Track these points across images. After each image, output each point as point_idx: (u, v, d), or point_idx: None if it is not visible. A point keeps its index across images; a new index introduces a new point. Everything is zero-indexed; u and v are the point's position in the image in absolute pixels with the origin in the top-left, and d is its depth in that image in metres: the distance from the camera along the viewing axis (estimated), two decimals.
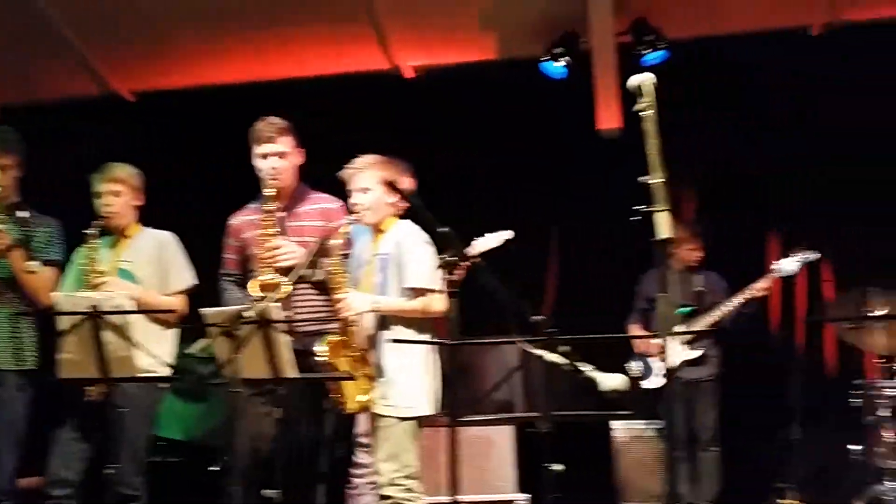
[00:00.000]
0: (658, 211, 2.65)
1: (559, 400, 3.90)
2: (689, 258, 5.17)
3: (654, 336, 4.91)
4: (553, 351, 2.76)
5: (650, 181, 2.69)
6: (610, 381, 2.67)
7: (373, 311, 3.54)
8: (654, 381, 5.02)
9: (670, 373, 4.89)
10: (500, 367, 4.08)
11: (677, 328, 5.00)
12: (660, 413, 5.01)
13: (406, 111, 5.86)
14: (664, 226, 2.64)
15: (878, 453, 4.60)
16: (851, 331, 4.73)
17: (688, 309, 5.06)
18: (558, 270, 6.03)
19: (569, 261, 5.94)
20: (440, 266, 2.83)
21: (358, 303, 3.52)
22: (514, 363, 3.98)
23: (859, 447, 4.76)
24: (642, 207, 2.66)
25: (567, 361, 2.74)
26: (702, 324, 4.96)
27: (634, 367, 5.01)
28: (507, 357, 4.04)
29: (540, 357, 2.79)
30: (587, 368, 2.71)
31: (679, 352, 5.00)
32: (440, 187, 5.54)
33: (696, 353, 4.97)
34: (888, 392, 4.60)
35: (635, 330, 5.22)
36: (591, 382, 2.70)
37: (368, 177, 3.58)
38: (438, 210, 4.77)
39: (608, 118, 5.58)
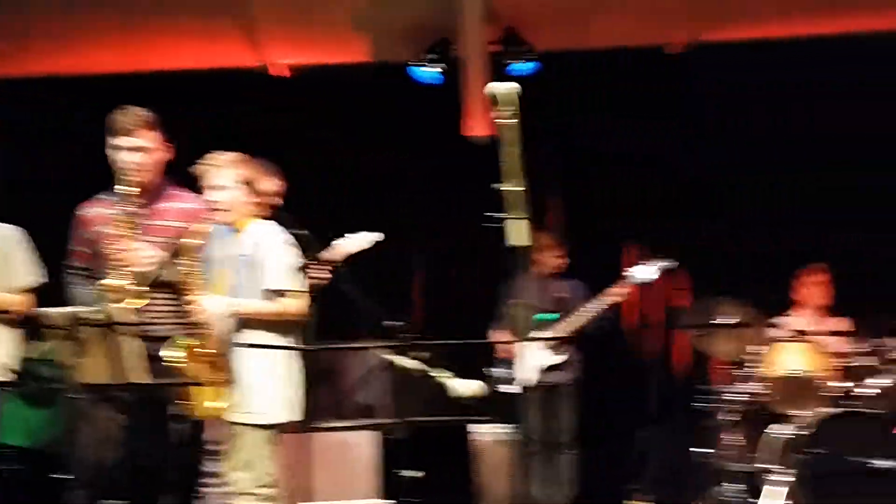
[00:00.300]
0: (512, 218, 2.68)
1: (418, 405, 3.92)
2: (553, 265, 5.29)
3: (515, 341, 4.99)
4: (408, 356, 2.74)
5: (506, 188, 2.72)
6: (463, 387, 2.68)
7: (230, 313, 3.44)
8: (517, 385, 5.09)
9: (532, 377, 5.05)
10: (362, 373, 4.07)
11: (539, 333, 5.11)
12: (520, 417, 5.11)
13: (277, 110, 5.77)
14: (518, 233, 2.68)
15: (721, 455, 4.84)
16: (701, 337, 4.95)
17: (551, 315, 5.16)
18: (425, 276, 6.06)
19: (437, 267, 5.98)
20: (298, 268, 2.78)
21: (214, 305, 3.41)
22: (374, 368, 3.99)
23: (704, 450, 5.00)
24: (497, 214, 2.68)
25: (420, 367, 2.73)
26: (563, 329, 5.08)
27: (497, 372, 5.08)
28: (369, 362, 4.03)
29: (393, 363, 2.77)
30: (440, 374, 2.71)
31: (542, 357, 5.10)
32: (310, 188, 5.50)
33: (559, 359, 5.09)
34: (731, 397, 4.85)
35: (500, 336, 5.29)
36: (444, 388, 2.71)
37: (225, 174, 3.48)
38: (306, 211, 4.74)
39: (477, 125, 5.66)
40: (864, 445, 4.30)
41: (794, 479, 4.31)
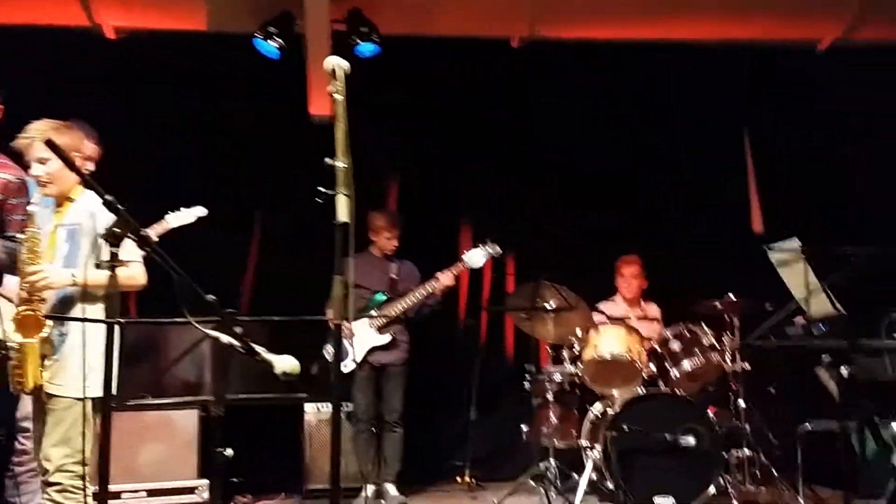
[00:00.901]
0: (340, 195, 2.68)
1: (240, 382, 3.87)
2: (387, 246, 5.32)
3: (344, 320, 4.99)
4: (229, 333, 2.70)
5: (335, 164, 2.71)
6: (282, 364, 2.65)
7: (73, 284, 3.26)
8: (347, 365, 5.12)
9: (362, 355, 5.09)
10: (183, 349, 3.97)
11: (370, 313, 5.14)
12: (349, 396, 5.14)
13: (108, 73, 5.49)
14: (344, 209, 2.68)
15: (543, 433, 5.05)
16: (526, 320, 5.13)
17: (383, 296, 5.21)
18: (260, 253, 5.98)
19: (272, 244, 5.91)
20: (103, 237, 2.65)
21: (56, 275, 3.24)
22: (196, 344, 3.90)
23: (526, 428, 5.21)
24: (326, 190, 2.67)
25: (240, 344, 2.69)
26: (394, 310, 5.13)
27: (328, 350, 5.08)
28: (193, 338, 3.94)
29: (216, 339, 2.71)
30: (261, 351, 2.68)
31: (372, 337, 5.14)
32: (141, 158, 5.30)
33: (386, 339, 5.13)
34: (554, 377, 5.07)
35: (331, 314, 5.26)
36: (267, 365, 2.68)
37: (44, 146, 3.29)
38: (135, 181, 4.56)
39: (319, 103, 5.60)
40: (671, 423, 4.60)
41: (607, 454, 4.54)
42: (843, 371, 2.82)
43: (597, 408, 5.00)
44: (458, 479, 5.56)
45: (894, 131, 5.47)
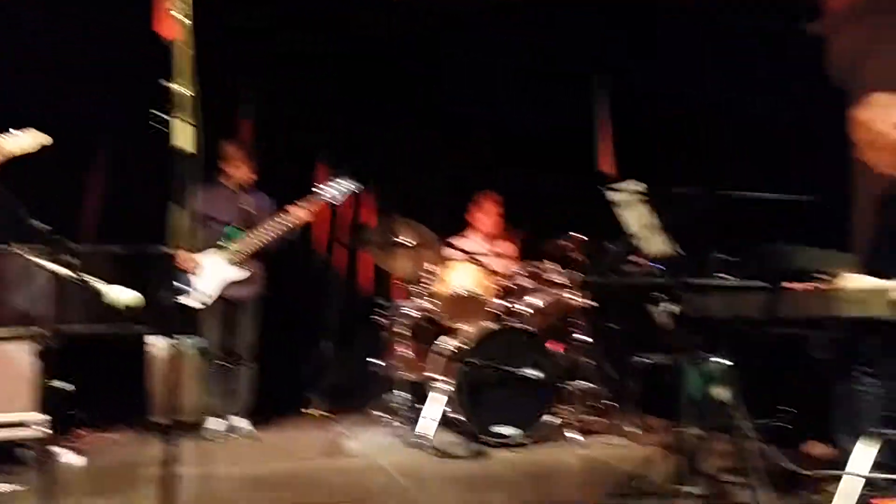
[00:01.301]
0: (179, 120, 2.57)
1: (82, 313, 3.71)
2: (241, 178, 5.18)
3: (194, 253, 4.86)
4: (57, 261, 2.57)
5: (173, 86, 2.60)
6: (113, 294, 2.56)
7: None
8: (195, 298, 4.99)
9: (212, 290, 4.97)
10: (14, 278, 3.76)
11: (224, 246, 5.02)
12: (200, 329, 5.03)
13: None
14: (184, 137, 2.58)
15: (394, 366, 5.13)
16: (381, 255, 5.15)
17: (236, 229, 5.08)
18: (106, 181, 5.68)
19: (117, 174, 5.62)
20: None
21: None
22: (29, 274, 3.70)
23: (378, 361, 5.27)
24: (162, 114, 2.56)
25: (73, 274, 2.57)
26: (248, 244, 5.02)
27: (178, 284, 4.93)
28: (24, 268, 3.73)
29: (43, 267, 2.58)
30: (90, 280, 2.57)
31: (224, 271, 5.02)
32: None
33: (242, 274, 5.03)
34: (407, 312, 5.14)
35: (180, 248, 5.09)
36: (97, 294, 2.57)
37: None
38: None
39: (167, 26, 5.31)
40: (517, 356, 4.76)
41: (456, 386, 4.67)
42: (672, 308, 2.98)
43: (447, 342, 5.10)
44: (311, 411, 5.58)
45: (748, 75, 5.65)
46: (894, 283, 2.76)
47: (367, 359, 5.44)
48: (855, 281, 2.84)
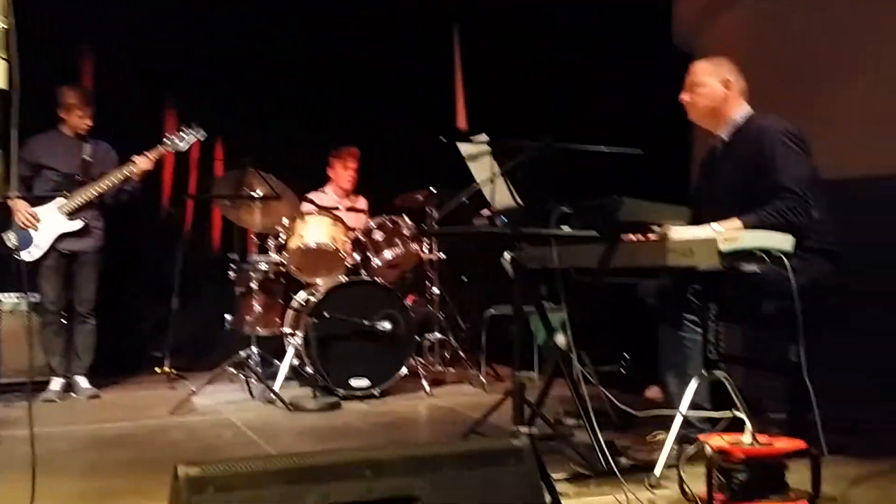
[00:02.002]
0: None
1: None
2: (79, 125, 4.90)
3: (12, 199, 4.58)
4: None
5: None
6: None
7: None
8: (32, 253, 4.72)
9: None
10: None
11: (60, 197, 4.76)
12: (37, 286, 4.78)
13: None
14: (1, 75, 2.40)
15: (246, 322, 5.04)
16: (232, 208, 5.01)
17: (73, 179, 4.82)
18: None
19: None
20: None
21: None
22: None
23: (231, 317, 5.17)
24: None
25: None
26: (85, 194, 4.78)
27: (10, 237, 4.64)
28: None
29: None
30: None
31: (59, 223, 4.76)
32: None
33: (76, 225, 4.78)
34: (259, 266, 5.04)
35: (19, 201, 4.78)
36: None
37: None
38: None
39: None
40: (370, 309, 4.77)
41: (308, 340, 4.64)
42: (517, 259, 3.05)
43: (301, 296, 5.06)
44: (157, 369, 5.41)
45: (603, 35, 5.78)
46: (718, 233, 2.93)
47: (218, 315, 5.32)
48: (682, 232, 3.00)
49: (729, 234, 2.85)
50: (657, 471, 2.86)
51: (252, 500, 1.69)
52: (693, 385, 3.02)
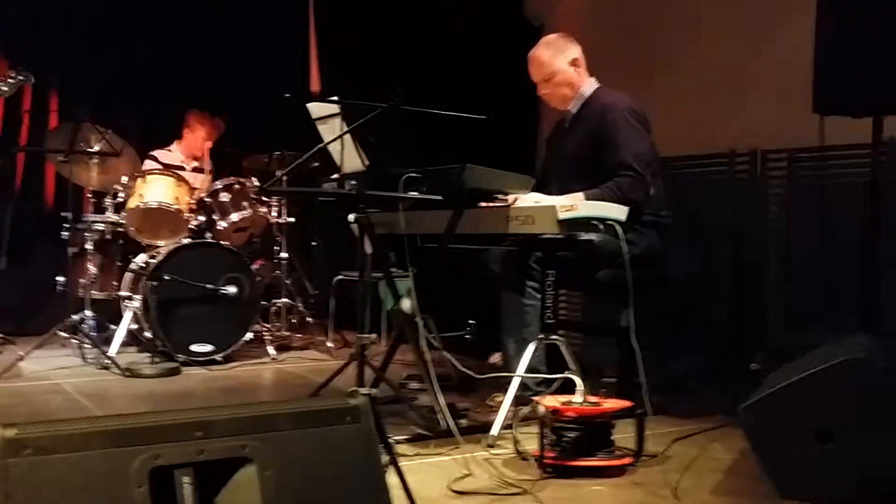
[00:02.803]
0: None
1: None
2: None
3: None
4: None
5: None
6: None
7: None
8: None
9: None
10: None
11: None
12: None
13: None
14: None
15: (80, 284, 4.78)
16: (66, 164, 4.72)
17: None
18: None
19: None
20: None
21: None
22: None
23: (64, 279, 4.89)
24: None
25: None
26: None
27: None
28: None
29: None
30: None
31: None
32: None
33: None
34: (95, 227, 4.79)
35: None
36: None
37: None
38: None
39: None
40: (215, 273, 4.64)
41: (147, 304, 4.47)
42: (363, 222, 3.04)
43: (140, 258, 4.85)
44: None
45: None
46: (559, 201, 3.03)
47: (50, 276, 5.02)
48: (526, 201, 3.08)
49: (567, 203, 2.96)
50: (494, 431, 2.96)
51: (74, 462, 1.61)
52: (531, 349, 3.13)
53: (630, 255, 3.00)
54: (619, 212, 3.04)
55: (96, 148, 4.64)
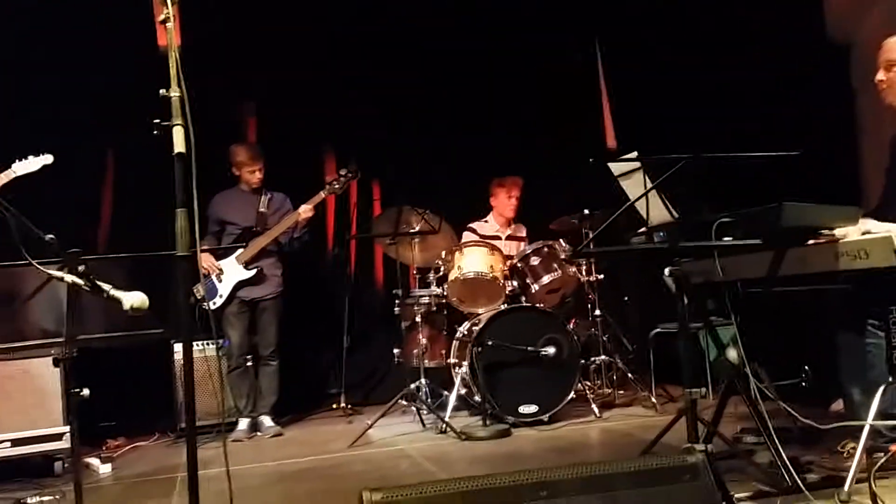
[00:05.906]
0: (175, 125, 2.63)
1: (101, 323, 3.78)
2: (251, 180, 5.22)
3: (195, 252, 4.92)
4: (77, 274, 2.64)
5: (169, 95, 2.65)
6: (131, 299, 2.62)
7: None
8: (216, 302, 5.07)
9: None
10: (30, 294, 3.84)
11: (244, 250, 5.09)
12: (223, 332, 5.11)
13: None
14: (180, 140, 2.63)
15: (414, 355, 5.18)
16: (392, 245, 5.18)
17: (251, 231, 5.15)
18: (115, 191, 5.77)
19: (126, 182, 5.70)
20: None
21: None
22: (42, 287, 3.77)
23: (399, 351, 5.32)
24: (160, 121, 2.61)
25: (84, 282, 2.64)
26: (258, 244, 5.09)
27: (198, 288, 5.00)
28: (36, 282, 3.80)
29: (59, 279, 2.65)
30: (107, 288, 2.64)
31: (236, 272, 5.09)
32: None
33: (250, 273, 5.09)
34: (422, 300, 5.18)
35: (204, 254, 5.12)
36: (115, 301, 2.64)
37: None
38: None
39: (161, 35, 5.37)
40: (533, 335, 4.78)
41: (473, 369, 4.70)
42: (678, 275, 2.98)
43: (464, 327, 5.14)
44: (334, 405, 5.65)
45: (753, 44, 5.59)
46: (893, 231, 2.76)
47: (387, 350, 5.47)
48: (856, 232, 2.84)
49: None
50: (847, 485, 2.71)
51: None
52: (879, 392, 2.85)
53: None
54: None
55: (417, 228, 5.04)
